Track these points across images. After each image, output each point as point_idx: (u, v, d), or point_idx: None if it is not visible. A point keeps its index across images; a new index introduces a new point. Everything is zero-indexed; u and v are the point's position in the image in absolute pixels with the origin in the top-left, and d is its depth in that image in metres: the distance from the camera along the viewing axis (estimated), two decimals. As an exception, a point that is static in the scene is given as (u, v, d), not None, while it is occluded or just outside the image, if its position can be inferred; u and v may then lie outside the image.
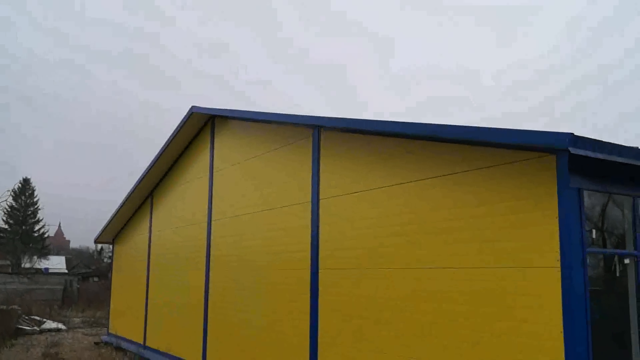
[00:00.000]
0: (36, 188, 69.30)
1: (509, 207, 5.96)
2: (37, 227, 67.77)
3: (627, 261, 6.29)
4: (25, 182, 68.43)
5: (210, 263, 12.62)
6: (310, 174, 9.29)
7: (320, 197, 8.99)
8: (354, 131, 8.35)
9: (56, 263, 56.34)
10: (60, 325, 23.94)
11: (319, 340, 8.65)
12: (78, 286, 38.83)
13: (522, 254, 5.77)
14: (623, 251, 6.34)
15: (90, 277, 44.89)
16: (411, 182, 7.26)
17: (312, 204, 9.14)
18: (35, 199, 68.76)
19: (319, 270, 8.81)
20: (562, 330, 5.29)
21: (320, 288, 8.76)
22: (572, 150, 5.10)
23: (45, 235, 69.13)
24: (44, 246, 65.32)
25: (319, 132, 9.22)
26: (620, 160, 5.48)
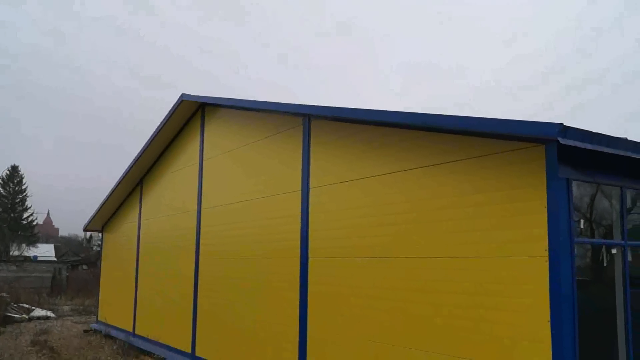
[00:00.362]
0: (24, 175, 68.84)
1: (498, 196, 5.97)
2: (25, 215, 67.38)
3: (614, 251, 6.34)
4: (14, 169, 67.92)
5: (200, 251, 12.60)
6: (301, 162, 9.27)
7: (311, 185, 8.97)
8: (344, 120, 8.33)
9: (45, 251, 55.98)
10: (49, 313, 23.86)
11: (308, 328, 8.67)
12: (67, 274, 38.70)
13: (511, 244, 5.79)
14: (611, 241, 6.39)
15: (79, 265, 44.72)
16: (401, 171, 7.26)
17: (302, 193, 9.12)
18: (24, 187, 68.30)
19: (309, 260, 8.82)
20: (549, 319, 5.33)
21: (310, 277, 8.77)
22: (562, 141, 5.11)
23: (34, 223, 68.73)
24: (32, 234, 64.92)
25: (309, 120, 9.19)
26: (609, 151, 5.50)
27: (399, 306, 7.06)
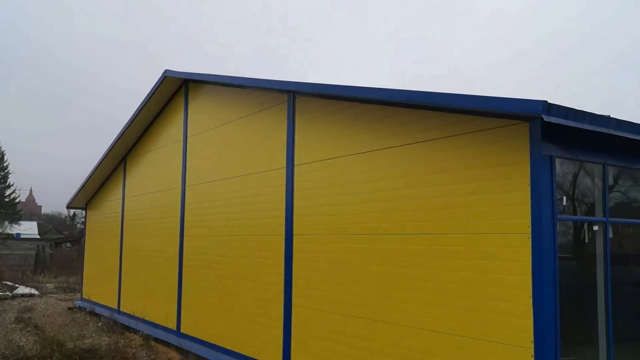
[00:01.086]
0: (6, 152, 67.86)
1: (481, 174, 5.99)
2: (8, 192, 66.56)
3: (595, 228, 6.42)
4: (-5, 146, 66.84)
5: (185, 229, 12.56)
6: (285, 139, 9.22)
7: (296, 163, 8.94)
8: (329, 97, 8.28)
9: (28, 228, 55.50)
10: (33, 291, 23.78)
11: (293, 305, 8.72)
12: (51, 252, 38.52)
13: (495, 220, 5.83)
14: (592, 218, 6.46)
15: (63, 242, 44.50)
16: (387, 148, 7.25)
17: (287, 170, 9.09)
18: (5, 164, 67.37)
19: (294, 236, 8.82)
20: (531, 294, 5.40)
21: (294, 254, 8.79)
22: (545, 118, 5.12)
23: (17, 201, 67.98)
24: (15, 211, 64.27)
25: (293, 97, 9.12)
26: (592, 129, 5.52)
27: (387, 282, 7.11)
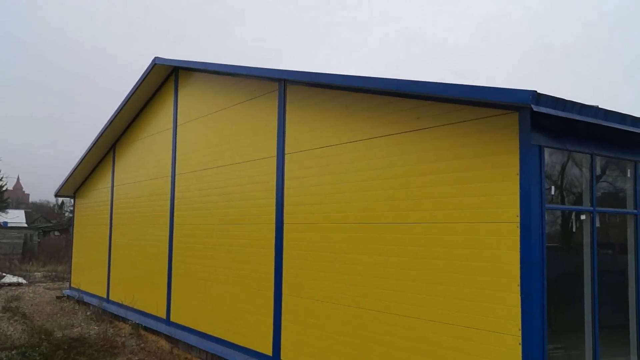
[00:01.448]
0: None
1: (471, 163, 6.03)
2: (-6, 180, 65.96)
3: (583, 217, 6.49)
4: (-19, 133, 66.16)
5: (174, 217, 12.54)
6: (276, 128, 9.21)
7: (286, 151, 8.94)
8: (320, 85, 8.27)
9: (15, 217, 55.14)
10: (21, 280, 23.66)
11: (283, 293, 8.75)
12: (39, 240, 38.29)
13: (484, 209, 5.88)
14: (580, 207, 6.53)
15: (51, 231, 44.24)
16: (378, 137, 7.27)
17: (278, 159, 9.09)
18: (-9, 152, 66.70)
19: (284, 225, 8.84)
20: (519, 283, 5.46)
21: (285, 242, 8.81)
22: (535, 108, 5.16)
23: (4, 189, 67.35)
24: (2, 199, 63.69)
25: (284, 85, 9.10)
26: (580, 119, 5.57)
27: (379, 271, 7.15)
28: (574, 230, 6.52)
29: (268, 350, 8.96)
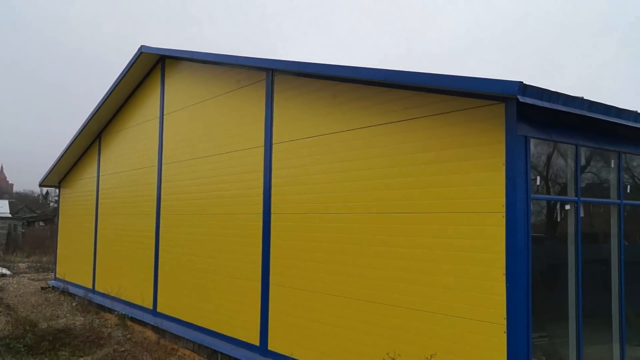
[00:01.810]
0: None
1: (457, 153, 6.06)
2: (-23, 170, 65.19)
3: (567, 207, 6.56)
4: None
5: (161, 207, 12.48)
6: (264, 118, 9.18)
7: (274, 141, 8.92)
8: (308, 75, 8.25)
9: (-1, 207, 54.51)
10: (5, 271, 23.45)
11: (271, 283, 8.76)
12: (23, 231, 37.95)
13: (470, 199, 5.92)
14: (565, 198, 6.60)
15: (36, 221, 43.85)
16: (366, 127, 7.27)
17: (266, 149, 9.07)
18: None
19: (272, 215, 8.84)
20: (505, 272, 5.51)
21: (272, 232, 8.81)
22: (521, 99, 5.19)
23: (-13, 179, 66.64)
24: (-15, 190, 63.02)
25: (272, 75, 9.06)
26: (565, 110, 5.62)
27: (368, 261, 7.18)
28: (558, 220, 6.59)
29: (255, 340, 8.98)
